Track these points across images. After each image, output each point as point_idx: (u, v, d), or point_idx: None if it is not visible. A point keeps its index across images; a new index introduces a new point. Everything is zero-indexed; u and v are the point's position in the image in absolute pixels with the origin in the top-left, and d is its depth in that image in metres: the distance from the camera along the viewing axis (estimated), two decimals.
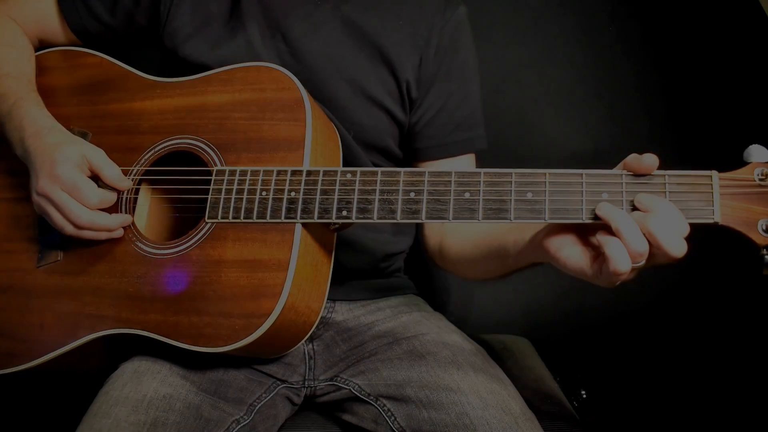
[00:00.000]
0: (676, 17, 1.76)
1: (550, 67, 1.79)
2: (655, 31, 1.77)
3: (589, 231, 0.82)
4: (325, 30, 1.14)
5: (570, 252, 0.82)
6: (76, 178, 0.98)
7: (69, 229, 0.99)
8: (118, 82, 1.12)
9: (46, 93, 1.14)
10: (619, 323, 1.73)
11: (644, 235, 0.75)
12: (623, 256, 0.75)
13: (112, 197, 1.01)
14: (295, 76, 1.02)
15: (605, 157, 0.84)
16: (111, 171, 1.01)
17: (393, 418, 1.00)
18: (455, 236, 1.12)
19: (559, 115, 1.79)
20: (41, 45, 1.24)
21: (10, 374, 1.02)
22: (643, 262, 0.76)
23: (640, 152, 0.81)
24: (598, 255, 0.79)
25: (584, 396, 1.32)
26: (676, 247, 0.74)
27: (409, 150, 1.21)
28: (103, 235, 1.00)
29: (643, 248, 0.75)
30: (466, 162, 1.21)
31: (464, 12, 1.20)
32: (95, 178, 1.01)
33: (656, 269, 0.81)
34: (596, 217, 0.80)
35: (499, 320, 1.76)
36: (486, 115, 1.22)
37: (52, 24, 1.22)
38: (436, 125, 1.18)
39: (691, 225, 0.77)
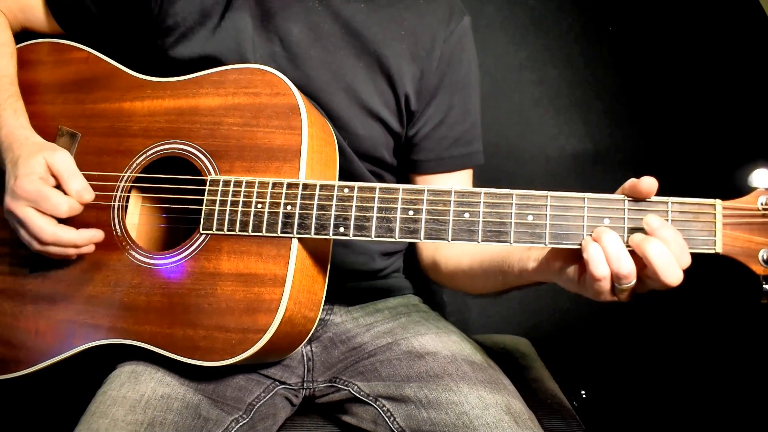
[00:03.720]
0: (676, 17, 1.74)
1: (550, 67, 1.77)
2: (655, 31, 1.76)
3: None
4: (325, 36, 1.09)
5: (570, 269, 0.82)
6: (39, 188, 0.96)
7: (35, 245, 0.98)
8: (106, 79, 1.08)
9: (32, 89, 1.11)
10: (619, 323, 1.75)
11: (642, 257, 0.75)
12: (602, 265, 0.75)
13: (80, 206, 0.99)
14: (292, 81, 0.99)
15: (605, 157, 0.83)
16: (74, 183, 0.98)
17: (392, 418, 1.01)
18: (453, 249, 1.11)
19: (559, 115, 1.77)
20: (24, 32, 1.19)
21: (5, 381, 1.02)
22: (631, 283, 0.76)
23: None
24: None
25: (584, 396, 1.33)
26: (671, 276, 0.74)
27: (406, 161, 1.18)
28: (71, 251, 0.98)
29: (627, 269, 0.75)
30: (463, 178, 1.19)
31: (468, 23, 1.15)
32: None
33: None
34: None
35: (499, 320, 1.78)
36: (486, 115, 1.20)
37: (37, 14, 1.17)
38: (435, 138, 1.15)
39: (691, 254, 0.77)
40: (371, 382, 1.07)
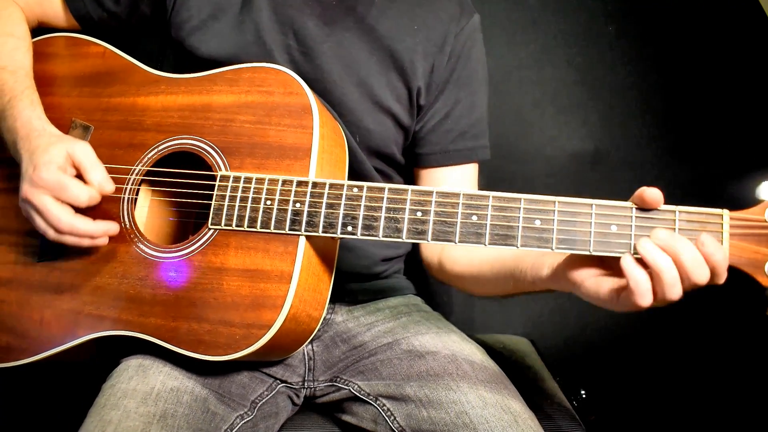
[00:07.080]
0: (676, 17, 1.75)
1: (550, 67, 1.78)
2: (654, 30, 1.77)
3: (610, 261, 0.81)
4: (338, 31, 1.11)
5: (593, 282, 0.81)
6: (59, 178, 0.97)
7: (51, 233, 0.98)
8: (121, 74, 1.10)
9: (48, 81, 1.12)
10: (619, 323, 1.75)
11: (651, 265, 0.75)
12: (646, 289, 0.76)
13: (99, 196, 0.99)
14: (305, 75, 1.00)
15: (604, 157, 0.83)
16: (96, 174, 0.99)
17: (392, 417, 1.01)
18: (460, 251, 1.11)
19: (559, 115, 1.78)
20: (41, 26, 1.21)
21: (7, 369, 1.02)
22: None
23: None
24: (620, 287, 0.79)
25: (584, 396, 1.32)
26: (674, 292, 0.77)
27: (411, 155, 1.20)
28: (86, 242, 0.99)
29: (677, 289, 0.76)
30: (468, 172, 1.20)
31: (478, 21, 1.18)
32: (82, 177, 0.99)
33: None
34: (603, 251, 0.80)
35: (500, 320, 1.78)
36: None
37: (54, 7, 1.19)
38: (440, 132, 1.16)
39: None
40: (371, 382, 1.07)
